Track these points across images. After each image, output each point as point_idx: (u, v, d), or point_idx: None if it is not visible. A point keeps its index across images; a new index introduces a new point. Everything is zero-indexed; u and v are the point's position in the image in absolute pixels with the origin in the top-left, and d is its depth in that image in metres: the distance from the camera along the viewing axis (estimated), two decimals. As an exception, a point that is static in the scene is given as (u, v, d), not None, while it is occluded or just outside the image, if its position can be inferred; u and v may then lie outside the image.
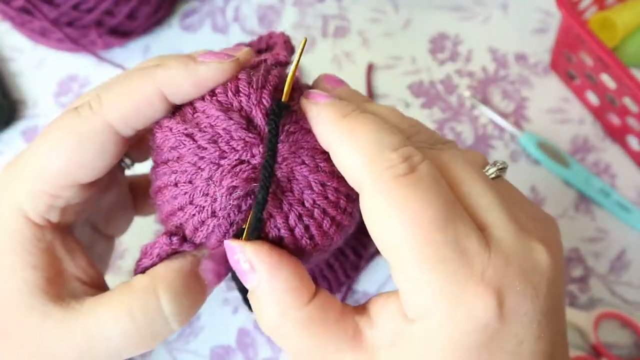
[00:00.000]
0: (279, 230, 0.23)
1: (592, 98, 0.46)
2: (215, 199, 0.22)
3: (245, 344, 0.39)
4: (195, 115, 0.23)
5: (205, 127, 0.23)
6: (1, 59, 0.51)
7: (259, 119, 0.23)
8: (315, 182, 0.23)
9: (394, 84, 0.48)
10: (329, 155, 0.23)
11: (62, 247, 0.24)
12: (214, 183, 0.22)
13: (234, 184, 0.22)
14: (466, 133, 0.46)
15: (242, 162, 0.23)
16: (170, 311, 0.23)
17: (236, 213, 0.23)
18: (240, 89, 0.23)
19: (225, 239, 0.23)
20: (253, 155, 0.23)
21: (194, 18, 0.52)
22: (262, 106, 0.23)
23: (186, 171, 0.23)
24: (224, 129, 0.23)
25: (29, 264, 0.23)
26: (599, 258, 0.41)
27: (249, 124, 0.23)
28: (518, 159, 0.45)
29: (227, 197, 0.22)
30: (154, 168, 0.25)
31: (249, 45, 0.30)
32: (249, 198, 0.23)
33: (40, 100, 0.49)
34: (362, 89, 0.48)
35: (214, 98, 0.23)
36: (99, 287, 0.25)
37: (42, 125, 0.48)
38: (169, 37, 0.51)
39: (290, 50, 0.28)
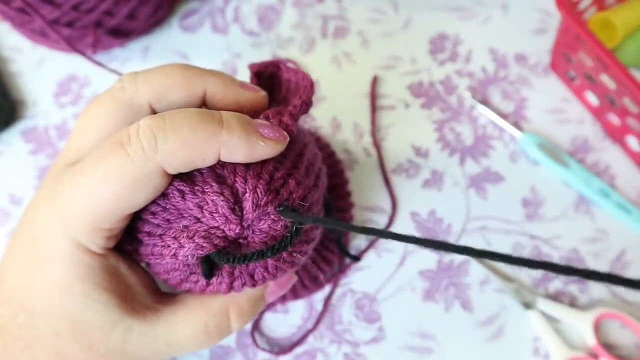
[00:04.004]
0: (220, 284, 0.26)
1: (592, 98, 0.46)
2: (182, 247, 0.24)
3: (244, 344, 0.39)
4: (193, 173, 0.24)
5: (198, 190, 0.24)
6: (1, 59, 0.51)
7: (249, 205, 0.24)
8: (272, 267, 0.26)
9: (393, 84, 0.48)
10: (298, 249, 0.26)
11: (122, 264, 0.26)
12: (187, 232, 0.24)
13: (203, 244, 0.24)
14: (466, 133, 0.46)
15: (217, 228, 0.24)
16: (237, 327, 0.28)
17: (192, 259, 0.25)
18: (238, 171, 0.24)
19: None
20: (229, 229, 0.24)
21: (194, 18, 0.52)
22: (255, 195, 0.24)
23: (167, 210, 0.25)
24: (212, 200, 0.24)
25: (101, 288, 0.25)
26: (599, 258, 0.41)
27: (235, 203, 0.24)
28: (518, 160, 0.45)
29: (193, 251, 0.24)
30: None
31: (262, 70, 0.31)
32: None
33: (40, 100, 0.49)
34: (362, 91, 0.48)
35: (214, 167, 0.25)
36: (156, 290, 0.29)
37: (42, 125, 0.48)
38: (169, 37, 0.51)
39: (310, 94, 0.28)
